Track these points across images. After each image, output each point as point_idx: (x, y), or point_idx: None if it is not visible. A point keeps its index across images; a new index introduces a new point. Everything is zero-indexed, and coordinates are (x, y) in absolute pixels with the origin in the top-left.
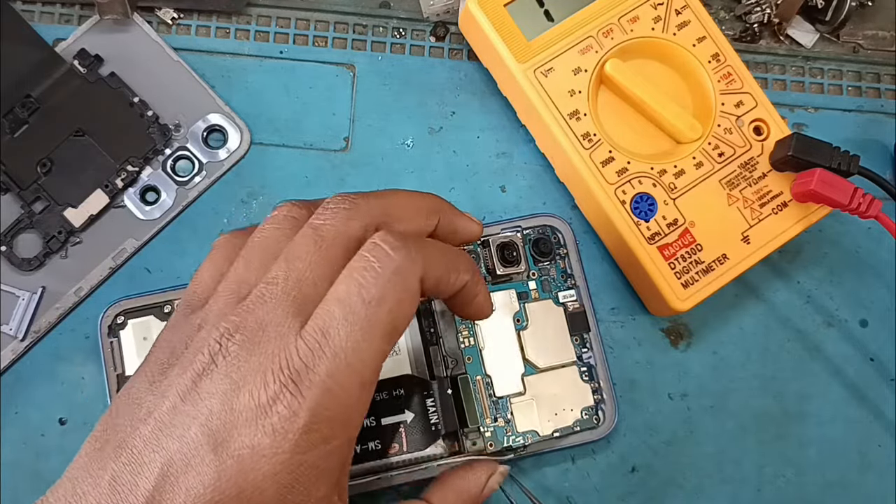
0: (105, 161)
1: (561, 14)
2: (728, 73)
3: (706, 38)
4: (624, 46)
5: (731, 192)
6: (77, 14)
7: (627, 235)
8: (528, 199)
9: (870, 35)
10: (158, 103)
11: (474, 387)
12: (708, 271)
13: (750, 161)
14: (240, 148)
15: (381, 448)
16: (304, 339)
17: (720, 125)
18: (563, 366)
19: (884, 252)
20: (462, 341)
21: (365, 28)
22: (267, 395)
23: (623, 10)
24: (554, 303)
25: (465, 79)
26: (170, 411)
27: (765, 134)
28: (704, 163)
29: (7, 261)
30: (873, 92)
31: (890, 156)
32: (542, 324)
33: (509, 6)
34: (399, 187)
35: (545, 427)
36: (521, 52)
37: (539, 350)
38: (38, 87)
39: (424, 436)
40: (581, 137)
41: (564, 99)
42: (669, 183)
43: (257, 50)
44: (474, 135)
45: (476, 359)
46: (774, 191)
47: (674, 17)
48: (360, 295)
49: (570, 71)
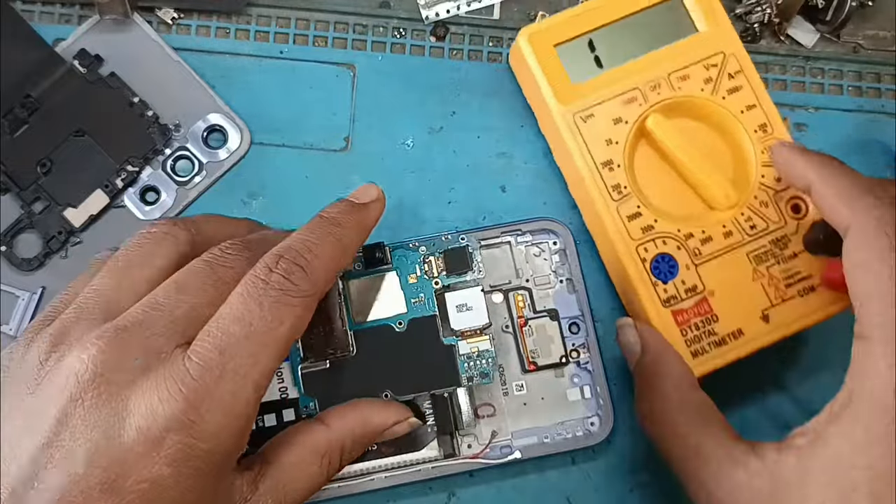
0: (105, 161)
1: (611, 62)
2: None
3: (756, 106)
4: (669, 103)
5: (758, 267)
6: (77, 14)
7: (643, 294)
8: (528, 200)
9: (870, 35)
10: (158, 103)
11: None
12: (721, 344)
13: (782, 238)
14: (240, 148)
15: (376, 449)
16: (197, 360)
17: (757, 197)
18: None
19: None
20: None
21: (365, 28)
22: (157, 424)
23: (674, 67)
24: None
25: (465, 79)
26: (46, 446)
27: (803, 212)
28: (734, 233)
29: (7, 261)
30: (874, 92)
31: (890, 156)
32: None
33: (560, 47)
34: (399, 188)
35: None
36: (564, 94)
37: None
38: (38, 87)
39: (420, 437)
40: (611, 188)
41: (601, 147)
42: (695, 248)
43: (257, 50)
44: (474, 135)
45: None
46: (803, 273)
47: (726, 80)
48: (261, 315)
49: (610, 119)
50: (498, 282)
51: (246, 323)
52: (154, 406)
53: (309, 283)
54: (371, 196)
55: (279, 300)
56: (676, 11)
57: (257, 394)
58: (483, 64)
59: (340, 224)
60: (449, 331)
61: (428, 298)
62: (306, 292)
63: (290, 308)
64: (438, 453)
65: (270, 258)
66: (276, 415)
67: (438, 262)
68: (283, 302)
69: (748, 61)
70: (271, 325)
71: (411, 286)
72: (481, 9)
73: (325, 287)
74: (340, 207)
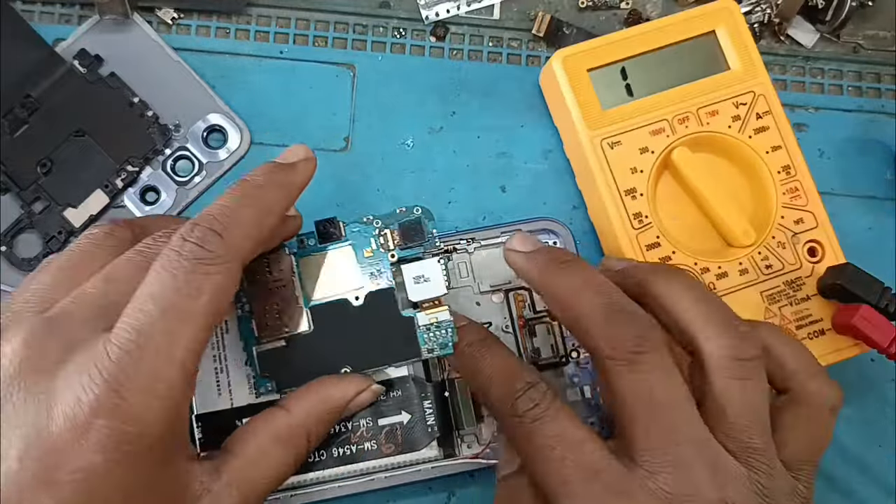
0: (105, 161)
1: (642, 91)
2: (795, 187)
3: (782, 148)
4: (696, 137)
5: (770, 306)
6: (77, 14)
7: None
8: (528, 200)
9: (870, 35)
10: (158, 103)
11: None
12: None
13: (797, 280)
14: (240, 148)
15: (376, 448)
16: (116, 342)
17: (775, 237)
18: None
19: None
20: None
21: (365, 28)
22: (83, 411)
23: (704, 102)
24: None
25: (465, 79)
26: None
27: (819, 256)
28: (750, 271)
29: (7, 261)
30: (874, 92)
31: (890, 156)
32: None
33: (592, 72)
34: (398, 188)
35: None
36: (592, 119)
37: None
38: (38, 87)
39: (420, 438)
40: (633, 216)
41: (625, 175)
42: (710, 282)
43: (257, 50)
44: (474, 135)
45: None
46: (815, 316)
47: (754, 119)
48: (175, 287)
49: (636, 148)
50: (498, 282)
51: (160, 298)
52: (78, 393)
53: (225, 248)
54: (298, 156)
55: (194, 270)
56: (711, 48)
57: (183, 372)
58: (483, 64)
59: (262, 185)
60: (407, 303)
61: (384, 271)
62: (224, 258)
63: (206, 277)
64: (438, 453)
65: (186, 228)
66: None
67: (394, 234)
68: (199, 271)
69: (777, 103)
70: (188, 298)
71: (367, 260)
72: (481, 9)
73: (247, 252)
74: (263, 169)
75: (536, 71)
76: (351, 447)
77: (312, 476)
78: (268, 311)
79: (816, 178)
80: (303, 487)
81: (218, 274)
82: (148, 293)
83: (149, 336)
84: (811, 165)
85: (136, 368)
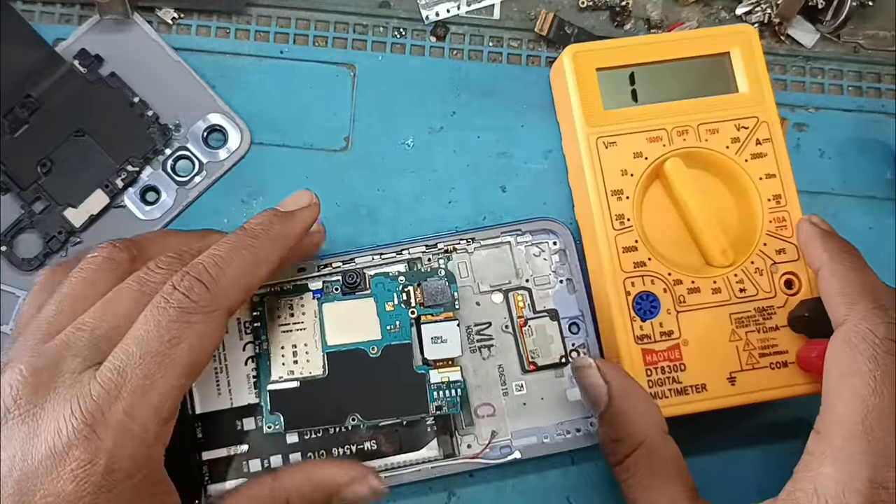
0: (105, 161)
1: (646, 98)
2: (783, 217)
3: (776, 176)
4: (692, 152)
5: (737, 329)
6: (77, 14)
7: (618, 325)
8: (528, 199)
9: (870, 35)
10: (158, 103)
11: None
12: (681, 393)
13: (768, 309)
14: (240, 148)
15: (376, 448)
16: (100, 380)
17: (753, 262)
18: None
19: None
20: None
21: (365, 28)
22: (61, 441)
23: (706, 119)
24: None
25: (465, 79)
26: None
27: (795, 289)
28: (723, 291)
29: (7, 261)
30: (874, 92)
31: (890, 156)
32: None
33: (601, 72)
34: (398, 188)
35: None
36: (593, 116)
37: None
38: (38, 87)
39: (419, 437)
40: (615, 217)
41: (615, 176)
42: (680, 295)
43: (257, 50)
44: (474, 135)
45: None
46: (781, 347)
47: (753, 144)
48: (158, 334)
49: (631, 152)
50: (498, 282)
51: (143, 343)
52: (60, 424)
53: (210, 299)
54: (300, 203)
55: (177, 318)
56: (723, 68)
57: (157, 415)
58: (483, 64)
59: (257, 237)
60: (422, 359)
61: (404, 326)
62: (207, 308)
63: (188, 326)
64: (438, 453)
65: (178, 276)
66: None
67: (417, 292)
68: (182, 320)
69: (779, 133)
70: (168, 345)
71: (388, 314)
72: (481, 9)
73: (234, 302)
74: (261, 218)
75: (537, 71)
76: (350, 447)
77: None
78: (285, 350)
79: (816, 178)
80: None
81: (199, 323)
82: (134, 336)
83: (128, 377)
84: (811, 165)
85: (112, 407)
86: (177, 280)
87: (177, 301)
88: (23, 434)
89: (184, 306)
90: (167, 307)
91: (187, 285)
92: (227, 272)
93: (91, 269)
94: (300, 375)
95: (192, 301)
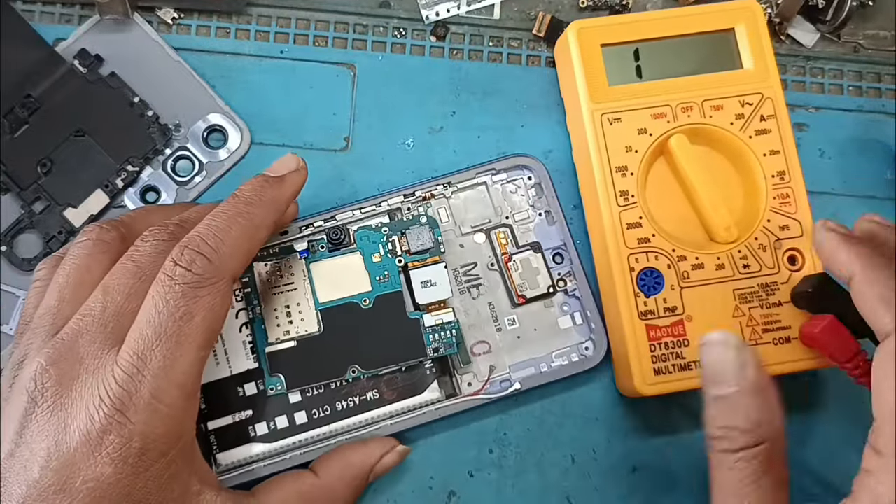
0: (105, 161)
1: (651, 74)
2: (787, 194)
3: (780, 153)
4: (697, 128)
5: (741, 305)
6: (77, 14)
7: (622, 301)
8: None
9: (870, 35)
10: (158, 103)
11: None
12: (684, 368)
13: (772, 285)
14: (240, 148)
15: (379, 397)
16: (122, 366)
17: (757, 238)
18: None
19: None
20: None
21: (365, 28)
22: (95, 427)
23: (711, 95)
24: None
25: (465, 79)
26: (7, 458)
27: (798, 265)
28: (727, 267)
29: (7, 261)
30: (874, 92)
31: (890, 156)
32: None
33: (606, 48)
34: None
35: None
36: (597, 93)
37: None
38: (38, 87)
39: (420, 381)
40: (619, 193)
41: (619, 152)
42: (684, 271)
43: (257, 50)
44: (474, 135)
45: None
46: (784, 323)
47: (757, 120)
48: (169, 313)
49: (635, 128)
50: (478, 222)
51: (156, 324)
52: (91, 412)
53: (213, 270)
54: (289, 167)
55: (184, 294)
56: (728, 44)
57: (182, 391)
58: (483, 64)
59: (251, 203)
60: (414, 305)
61: (392, 276)
62: (212, 279)
63: (196, 300)
64: (440, 395)
65: (176, 251)
66: (255, 383)
67: (401, 241)
68: (189, 296)
69: (784, 109)
70: (181, 322)
71: (375, 265)
72: (481, 9)
73: (238, 269)
74: (253, 184)
75: (537, 71)
76: (354, 399)
77: (320, 431)
78: (279, 312)
79: (816, 178)
80: (312, 444)
81: (207, 296)
82: (146, 318)
83: (148, 360)
84: (811, 165)
85: (139, 391)
86: (177, 255)
87: (181, 276)
88: (54, 425)
89: (188, 281)
90: (172, 284)
91: (188, 259)
92: (227, 241)
93: (84, 254)
94: (296, 335)
95: (195, 275)
